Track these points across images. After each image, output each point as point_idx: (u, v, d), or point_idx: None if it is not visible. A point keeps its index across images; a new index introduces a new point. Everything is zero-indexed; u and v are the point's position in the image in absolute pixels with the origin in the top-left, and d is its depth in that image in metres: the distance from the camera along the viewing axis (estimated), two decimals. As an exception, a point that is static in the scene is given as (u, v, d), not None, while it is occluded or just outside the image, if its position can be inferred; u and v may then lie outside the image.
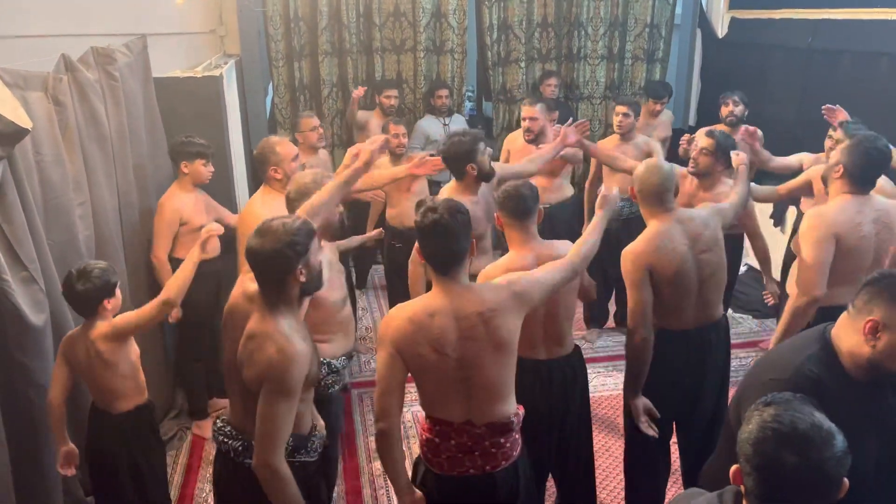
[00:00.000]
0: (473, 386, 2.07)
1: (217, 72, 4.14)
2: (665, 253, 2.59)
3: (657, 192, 2.64)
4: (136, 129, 3.46)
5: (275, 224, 1.96)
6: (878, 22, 4.20)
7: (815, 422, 1.24)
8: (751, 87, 5.20)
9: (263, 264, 1.94)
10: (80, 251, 2.83)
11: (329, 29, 5.31)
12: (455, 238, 2.02)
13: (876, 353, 1.66)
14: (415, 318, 2.03)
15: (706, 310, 2.73)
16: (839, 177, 2.79)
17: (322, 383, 2.67)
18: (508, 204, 2.55)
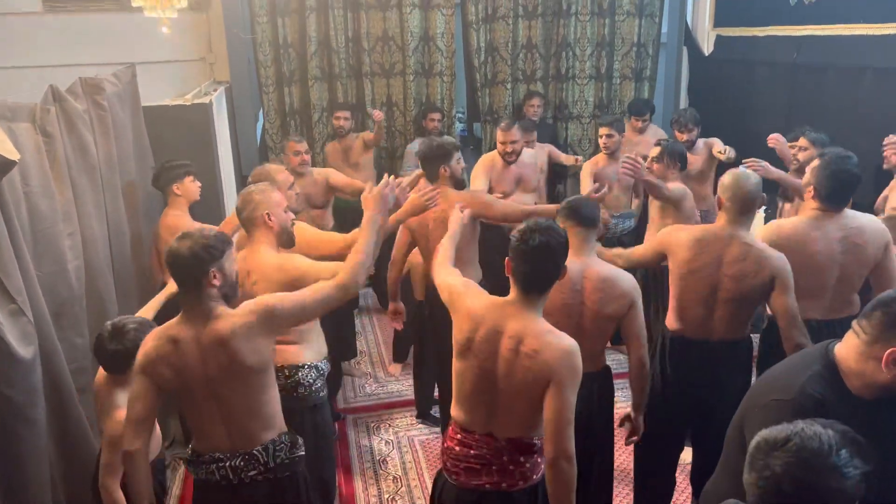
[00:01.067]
0: (499, 394, 2.09)
1: (206, 99, 4.15)
2: (687, 247, 2.71)
3: (745, 199, 2.68)
4: (126, 157, 3.45)
5: (194, 231, 2.11)
6: (861, 37, 4.26)
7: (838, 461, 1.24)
8: (737, 102, 5.26)
9: (180, 264, 2.04)
10: (69, 282, 2.81)
11: (318, 54, 5.34)
12: (555, 261, 2.08)
13: (890, 380, 1.63)
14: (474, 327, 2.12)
15: (727, 326, 2.74)
16: (811, 196, 2.81)
17: (313, 388, 2.69)
18: (570, 213, 2.62)
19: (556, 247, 2.06)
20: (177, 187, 3.47)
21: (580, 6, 5.66)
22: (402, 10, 5.34)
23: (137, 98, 3.73)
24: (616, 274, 2.59)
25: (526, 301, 2.08)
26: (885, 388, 1.66)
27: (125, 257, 3.41)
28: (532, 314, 2.08)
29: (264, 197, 2.59)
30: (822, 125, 3.94)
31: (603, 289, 2.55)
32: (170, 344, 2.07)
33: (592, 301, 2.56)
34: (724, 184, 2.73)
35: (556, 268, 2.08)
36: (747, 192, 2.67)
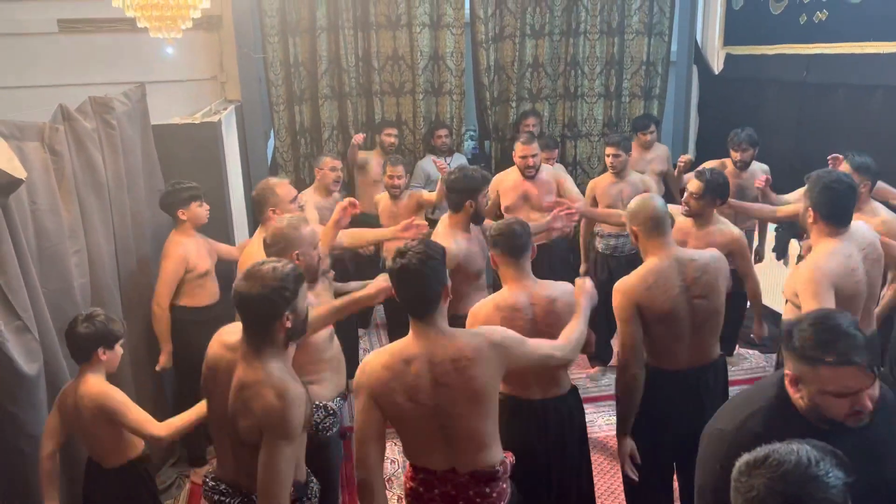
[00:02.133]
0: (452, 434, 2.04)
1: (215, 117, 4.19)
2: (656, 292, 2.55)
3: (652, 221, 2.60)
4: (134, 176, 3.49)
5: (265, 268, 1.95)
6: (870, 56, 4.23)
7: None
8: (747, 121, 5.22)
9: (250, 308, 1.92)
10: (75, 299, 2.83)
11: (329, 73, 5.39)
12: (424, 283, 2.00)
13: (805, 405, 1.61)
14: (390, 365, 2.01)
15: (701, 352, 2.68)
16: (812, 222, 2.73)
17: (319, 427, 2.64)
18: (501, 241, 2.54)
19: (418, 267, 1.97)
20: (182, 213, 3.48)
21: (589, 25, 5.68)
22: (412, 29, 5.38)
23: (147, 117, 3.77)
24: (561, 290, 2.53)
25: (429, 323, 2.02)
26: (818, 417, 1.61)
27: (132, 275, 3.43)
28: (441, 330, 2.03)
29: (296, 235, 2.54)
30: (831, 144, 3.92)
31: (552, 310, 2.50)
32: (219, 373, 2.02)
33: (547, 324, 2.49)
34: (631, 211, 2.65)
35: (432, 286, 2.00)
36: (655, 211, 2.61)
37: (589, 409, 4.11)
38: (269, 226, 3.14)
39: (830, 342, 1.56)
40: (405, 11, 5.36)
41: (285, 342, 1.99)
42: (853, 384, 1.54)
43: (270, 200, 3.15)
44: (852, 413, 1.56)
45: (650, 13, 5.73)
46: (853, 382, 1.54)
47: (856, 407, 1.56)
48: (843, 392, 1.55)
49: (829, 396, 1.56)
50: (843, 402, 1.56)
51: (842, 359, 1.54)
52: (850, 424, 1.58)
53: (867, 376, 1.55)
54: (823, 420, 1.61)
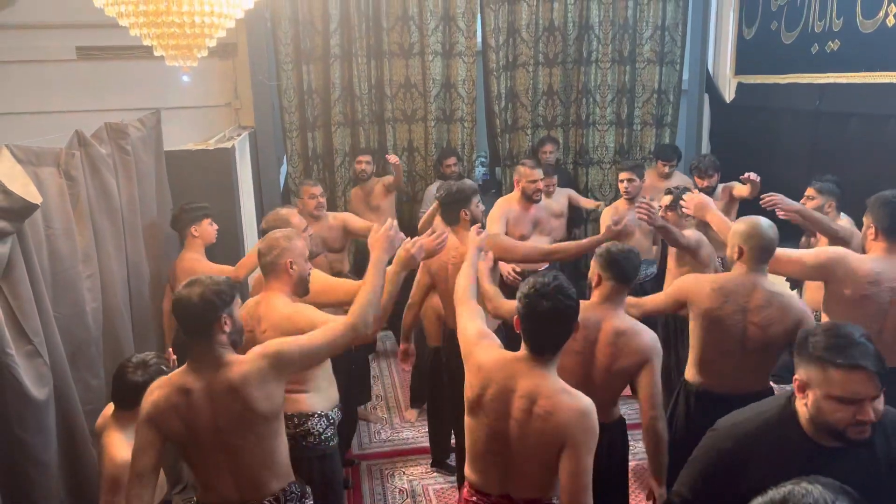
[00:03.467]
0: (512, 455, 2.03)
1: (229, 144, 4.23)
2: (715, 297, 2.66)
3: (763, 247, 2.64)
4: (148, 200, 3.52)
5: (202, 277, 2.11)
6: (884, 85, 4.22)
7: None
8: (760, 150, 5.23)
9: (190, 311, 2.02)
10: (87, 324, 2.84)
11: (342, 100, 5.44)
12: (566, 324, 2.02)
13: (809, 411, 1.64)
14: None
15: (749, 378, 2.68)
16: (873, 238, 2.79)
17: (323, 437, 2.64)
18: (615, 267, 2.53)
19: (564, 310, 1.98)
20: (195, 229, 3.51)
21: (601, 54, 5.72)
22: (425, 57, 5.44)
23: (161, 143, 3.82)
24: (634, 330, 2.49)
25: (538, 360, 2.01)
26: (818, 426, 1.64)
27: (143, 299, 3.45)
28: (544, 371, 2.00)
29: (290, 245, 2.59)
30: (845, 173, 3.90)
31: (615, 343, 2.47)
32: (179, 394, 2.03)
33: (604, 354, 2.49)
34: (742, 232, 2.67)
35: (567, 330, 2.01)
36: (767, 240, 2.64)
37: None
38: (263, 238, 3.14)
39: (842, 347, 1.61)
40: (418, 40, 5.42)
41: (231, 343, 2.08)
42: (860, 390, 1.58)
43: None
44: (855, 423, 1.58)
45: (662, 42, 5.78)
46: (861, 388, 1.58)
47: (859, 417, 1.57)
48: (849, 397, 1.58)
49: (834, 402, 1.59)
50: (848, 409, 1.58)
51: (852, 362, 1.58)
52: (851, 436, 1.59)
53: (875, 385, 1.58)
54: (825, 433, 1.63)
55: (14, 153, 2.46)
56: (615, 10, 5.66)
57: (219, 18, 2.39)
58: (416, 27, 5.40)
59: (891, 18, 4.14)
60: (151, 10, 2.27)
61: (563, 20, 5.62)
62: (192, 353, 2.08)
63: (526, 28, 5.57)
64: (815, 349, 1.63)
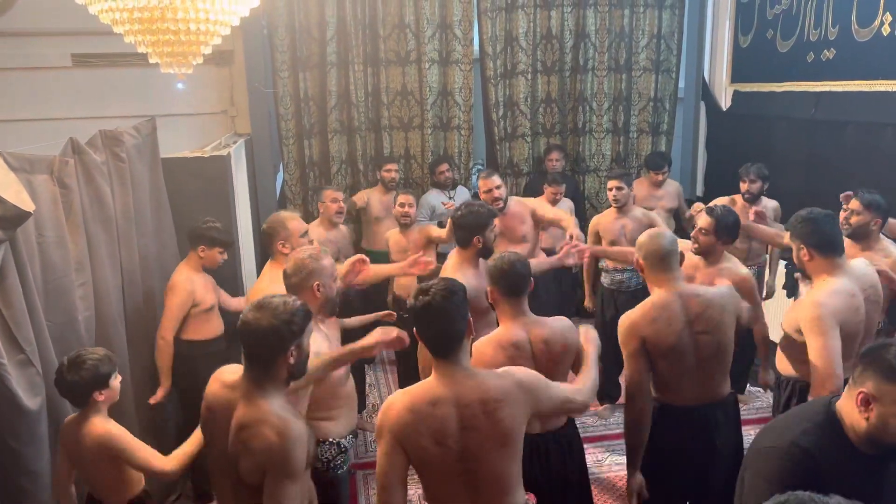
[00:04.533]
0: (478, 478, 1.98)
1: (225, 151, 4.22)
2: (660, 326, 2.55)
3: (660, 257, 2.61)
4: (143, 209, 3.50)
5: (275, 300, 1.94)
6: (879, 94, 4.23)
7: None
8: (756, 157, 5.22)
9: (257, 339, 1.90)
10: (79, 332, 2.82)
11: (338, 108, 5.44)
12: (449, 320, 1.96)
13: (870, 425, 1.62)
14: (415, 407, 1.94)
15: (708, 388, 2.66)
16: (808, 260, 2.71)
17: (331, 465, 2.61)
18: (503, 281, 2.52)
19: (442, 303, 1.94)
20: (202, 250, 3.49)
21: (597, 62, 5.73)
22: (421, 65, 5.44)
23: (157, 150, 3.80)
24: (558, 330, 2.52)
25: (454, 362, 1.97)
26: (871, 439, 1.63)
27: (138, 308, 3.42)
28: (467, 371, 1.98)
29: (318, 266, 2.52)
30: (841, 181, 3.89)
31: (549, 349, 2.49)
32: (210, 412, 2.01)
33: (545, 361, 2.48)
34: (639, 245, 2.67)
35: (456, 323, 1.96)
36: (660, 248, 2.61)
37: (597, 449, 4.06)
38: (280, 259, 3.12)
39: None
40: (414, 48, 5.43)
41: (287, 379, 1.96)
42: None
43: (281, 234, 3.14)
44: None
45: (657, 50, 5.79)
46: None
47: None
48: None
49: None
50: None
51: None
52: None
53: None
54: (882, 447, 1.63)
55: (7, 160, 2.44)
56: (611, 19, 5.68)
57: (214, 26, 2.38)
58: (413, 35, 5.41)
59: (886, 27, 4.16)
60: (146, 18, 2.26)
61: (559, 28, 5.64)
62: (244, 377, 1.95)
63: (524, 36, 5.58)
64: (893, 367, 1.60)
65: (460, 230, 3.19)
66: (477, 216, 3.16)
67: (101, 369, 2.36)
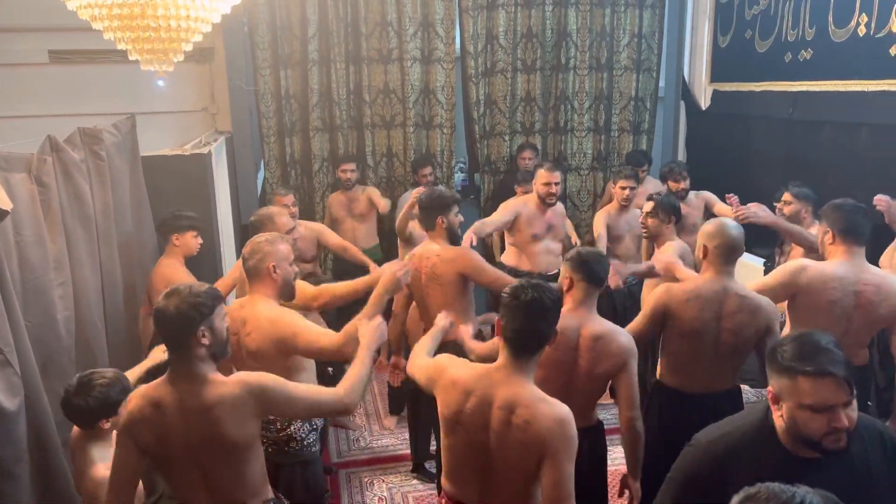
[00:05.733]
0: (492, 467, 2.02)
1: (205, 149, 4.19)
2: (689, 308, 2.67)
3: (729, 248, 2.69)
4: (122, 207, 3.47)
5: (182, 287, 2.00)
6: (855, 94, 4.28)
7: None
8: (735, 156, 5.29)
9: (168, 324, 1.95)
10: (58, 332, 2.79)
11: (320, 106, 5.41)
12: (546, 320, 2.01)
13: (785, 422, 1.65)
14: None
15: (718, 378, 2.76)
16: (831, 242, 2.87)
17: (305, 443, 2.64)
18: (584, 270, 2.54)
19: (548, 304, 1.99)
20: (176, 238, 3.48)
21: (578, 61, 5.76)
22: (403, 63, 5.43)
23: (136, 148, 3.77)
24: (611, 332, 2.53)
25: (516, 365, 2.00)
26: (795, 437, 1.64)
27: (118, 308, 3.39)
28: (522, 379, 1.99)
29: (273, 248, 2.56)
30: (818, 180, 3.95)
31: (595, 347, 2.49)
32: (152, 407, 1.98)
33: (585, 360, 2.50)
34: (709, 232, 2.73)
35: (549, 327, 2.01)
36: (733, 240, 2.69)
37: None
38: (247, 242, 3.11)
39: (809, 354, 1.61)
40: (396, 46, 5.42)
41: (211, 357, 2.00)
42: (831, 397, 1.58)
43: (267, 228, 3.14)
44: (830, 431, 1.58)
45: (638, 49, 5.83)
46: (831, 395, 1.58)
47: (833, 424, 1.58)
48: (821, 405, 1.58)
49: (807, 411, 1.59)
50: (821, 418, 1.58)
51: (819, 369, 1.58)
52: (828, 446, 1.60)
53: (845, 392, 1.59)
54: (803, 444, 1.63)
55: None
56: (592, 18, 5.71)
57: (195, 23, 2.36)
58: (395, 33, 5.40)
59: (862, 28, 4.22)
60: (125, 14, 2.24)
61: (540, 27, 5.66)
62: (171, 364, 2.03)
63: (504, 35, 5.59)
64: (784, 359, 1.64)
65: (424, 211, 3.33)
66: (439, 198, 3.32)
67: (110, 395, 2.25)
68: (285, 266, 2.59)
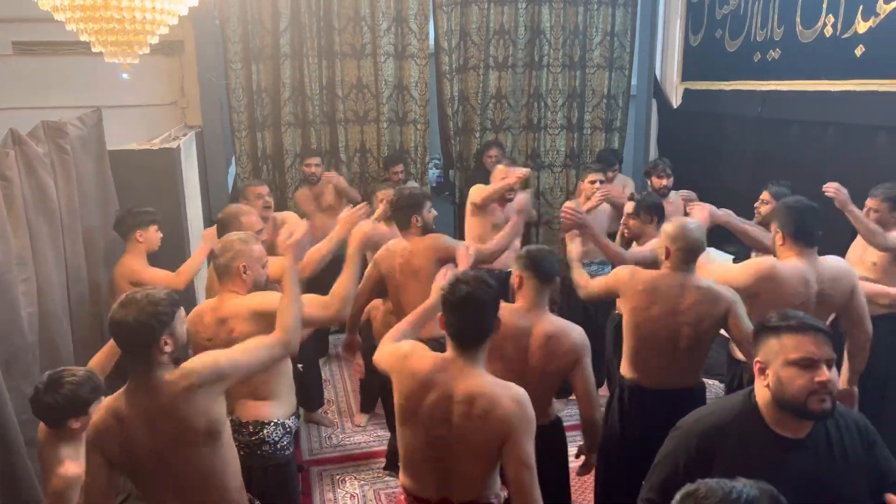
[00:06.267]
0: (452, 459, 2.02)
1: (174, 143, 4.13)
2: (648, 298, 2.70)
3: (689, 249, 2.71)
4: (88, 202, 3.40)
5: (138, 295, 1.93)
6: (822, 93, 4.36)
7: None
8: (705, 154, 5.36)
9: (127, 336, 1.89)
10: (22, 329, 2.73)
11: (292, 100, 5.36)
12: (484, 313, 2.01)
13: (772, 392, 1.70)
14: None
15: (680, 375, 2.76)
16: (781, 243, 2.86)
17: (278, 445, 2.59)
18: (533, 267, 2.56)
19: (484, 298, 2.00)
20: (140, 234, 3.40)
21: (552, 59, 5.77)
22: (377, 59, 5.40)
23: (103, 142, 3.70)
24: (563, 330, 2.54)
25: (466, 357, 2.01)
26: (782, 405, 1.69)
27: (83, 304, 3.33)
28: (475, 370, 2.01)
29: (245, 248, 2.51)
30: (786, 178, 4.00)
31: (547, 345, 2.51)
32: (114, 418, 1.93)
33: (536, 358, 2.52)
34: (671, 234, 2.75)
35: (488, 320, 2.02)
36: (694, 242, 2.72)
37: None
38: (219, 240, 3.06)
39: (793, 317, 1.74)
40: (370, 41, 5.38)
41: (175, 361, 1.97)
42: (815, 350, 1.66)
43: (233, 227, 3.07)
44: (814, 390, 1.63)
45: (611, 48, 5.87)
46: (814, 348, 1.66)
47: (816, 379, 1.63)
48: (805, 358, 1.65)
49: (792, 368, 1.65)
50: (806, 375, 1.64)
51: (802, 324, 1.70)
52: (814, 408, 1.64)
53: (827, 348, 1.67)
54: (789, 410, 1.67)
55: (-58, 152, 2.35)
56: (566, 16, 5.72)
57: (160, 15, 2.32)
58: (369, 28, 5.36)
59: (828, 28, 4.29)
60: (88, 5, 2.19)
61: (513, 24, 5.66)
62: (130, 373, 1.95)
63: (477, 31, 5.59)
64: (770, 323, 1.75)
65: (398, 212, 3.31)
66: (411, 196, 3.30)
67: (79, 393, 2.19)
68: (257, 268, 2.54)
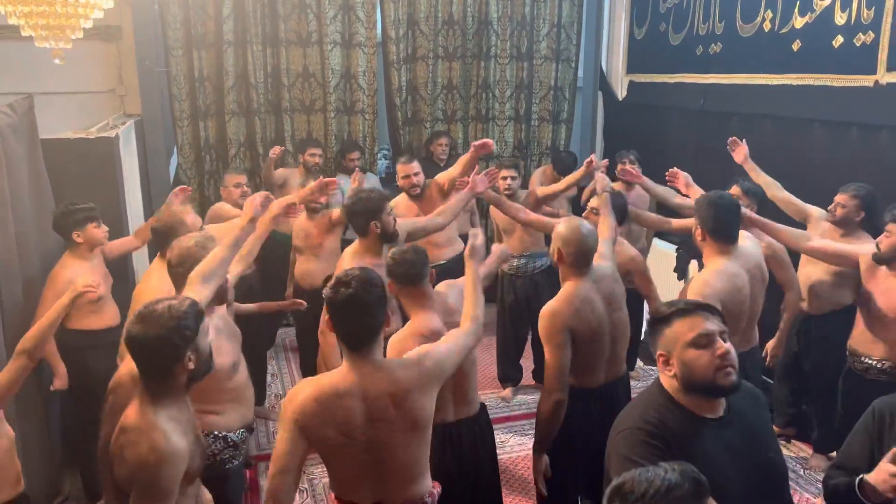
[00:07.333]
0: (386, 468, 1.98)
1: (112, 132, 3.98)
2: (585, 314, 2.60)
3: (585, 252, 2.64)
4: (19, 193, 3.25)
5: (159, 308, 1.78)
6: (760, 87, 4.49)
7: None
8: (649, 145, 5.45)
9: (147, 353, 1.76)
10: (-51, 328, 2.60)
11: (236, 89, 5.25)
12: (370, 313, 1.92)
13: (680, 377, 1.74)
14: (321, 398, 1.91)
15: (615, 366, 2.77)
16: (701, 240, 2.90)
17: (217, 458, 2.51)
18: (398, 270, 2.50)
19: (367, 299, 1.91)
20: (77, 234, 3.26)
21: (499, 50, 5.79)
22: (323, 47, 5.32)
23: (35, 131, 3.53)
24: (451, 293, 2.57)
25: (363, 356, 1.95)
26: (692, 387, 1.73)
27: (16, 301, 3.18)
28: (376, 365, 1.96)
29: (205, 254, 2.38)
30: (728, 170, 4.10)
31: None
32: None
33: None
34: (564, 237, 2.64)
35: (375, 318, 1.94)
36: (587, 245, 2.64)
37: (500, 431, 4.14)
38: (173, 246, 2.96)
39: (678, 303, 1.86)
40: (316, 29, 5.30)
41: (188, 385, 1.85)
42: (708, 325, 1.72)
43: (180, 231, 2.93)
44: (718, 366, 1.69)
45: (558, 40, 5.91)
46: (707, 324, 1.72)
47: (717, 352, 1.68)
48: (702, 335, 1.70)
49: (691, 349, 1.70)
50: (706, 353, 1.69)
51: (688, 306, 1.80)
52: (721, 382, 1.69)
53: (717, 320, 1.75)
54: (699, 391, 1.73)
55: None
56: (513, 7, 5.74)
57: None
58: (315, 16, 5.28)
59: (767, 23, 4.41)
60: (17, -13, 2.09)
61: (461, 14, 5.65)
62: (146, 386, 1.81)
63: (425, 21, 5.55)
64: (660, 313, 1.82)
65: (355, 217, 3.12)
66: (368, 201, 3.09)
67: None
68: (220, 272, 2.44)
